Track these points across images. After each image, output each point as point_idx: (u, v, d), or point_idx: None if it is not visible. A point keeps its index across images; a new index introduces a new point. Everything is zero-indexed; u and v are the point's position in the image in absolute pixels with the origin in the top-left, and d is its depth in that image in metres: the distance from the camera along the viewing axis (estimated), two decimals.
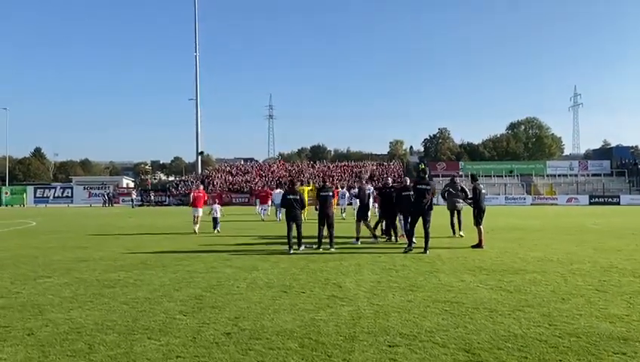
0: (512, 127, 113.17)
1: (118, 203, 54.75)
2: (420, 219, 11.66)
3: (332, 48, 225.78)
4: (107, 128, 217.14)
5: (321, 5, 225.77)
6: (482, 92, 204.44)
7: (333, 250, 11.81)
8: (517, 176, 57.83)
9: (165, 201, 53.74)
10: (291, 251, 11.57)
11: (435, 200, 12.26)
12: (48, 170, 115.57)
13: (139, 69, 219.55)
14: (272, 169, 60.68)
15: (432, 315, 5.75)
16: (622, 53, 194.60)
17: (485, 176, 51.67)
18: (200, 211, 17.95)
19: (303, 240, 12.10)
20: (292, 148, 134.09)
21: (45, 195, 57.27)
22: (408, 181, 13.50)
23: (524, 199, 50.20)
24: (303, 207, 12.28)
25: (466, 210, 15.40)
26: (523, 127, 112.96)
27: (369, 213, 14.62)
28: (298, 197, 12.17)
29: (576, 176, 57.44)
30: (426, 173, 12.67)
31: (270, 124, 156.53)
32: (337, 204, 33.73)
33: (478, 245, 12.07)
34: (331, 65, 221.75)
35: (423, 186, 11.87)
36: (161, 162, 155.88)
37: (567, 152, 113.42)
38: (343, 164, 62.04)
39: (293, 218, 12.00)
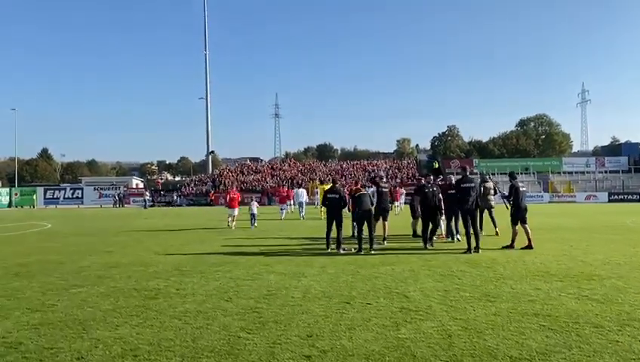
0: (522, 123, 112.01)
1: (129, 203, 54.23)
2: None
3: (338, 47, 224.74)
4: (112, 129, 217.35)
5: (326, 5, 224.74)
6: (489, 90, 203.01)
7: (373, 252, 11.15)
8: (533, 173, 56.80)
9: (177, 201, 53.15)
10: (329, 249, 11.43)
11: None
12: (55, 170, 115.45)
13: (145, 69, 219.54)
14: (283, 168, 59.99)
15: (531, 332, 5.03)
16: (628, 49, 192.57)
17: (501, 173, 50.56)
18: (236, 211, 19.21)
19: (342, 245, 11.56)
20: (298, 147, 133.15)
21: (55, 196, 56.83)
22: (453, 179, 12.80)
23: (542, 197, 49.23)
24: (344, 205, 11.76)
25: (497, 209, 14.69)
26: (533, 123, 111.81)
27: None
28: (339, 196, 11.66)
29: (593, 173, 56.39)
30: (466, 170, 11.99)
31: (276, 123, 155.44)
32: None
33: (529, 246, 11.40)
34: (337, 64, 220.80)
35: (468, 184, 11.32)
36: (167, 162, 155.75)
37: (575, 149, 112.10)
38: (355, 162, 61.35)
39: (333, 218, 11.60)
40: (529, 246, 11.30)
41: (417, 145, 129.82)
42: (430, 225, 12.31)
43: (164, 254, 11.44)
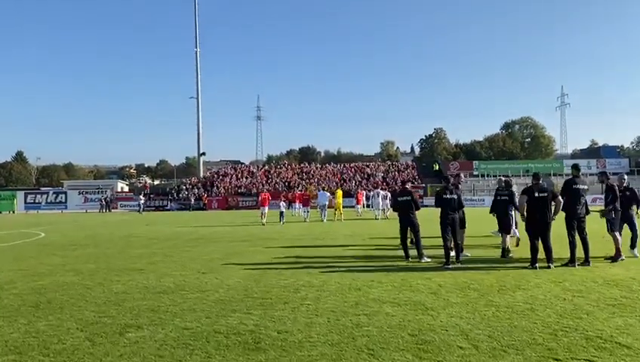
0: (507, 126, 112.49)
1: (116, 208, 51.31)
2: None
3: (321, 49, 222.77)
4: (88, 131, 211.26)
5: (312, 7, 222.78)
6: (470, 93, 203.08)
7: (459, 265, 9.56)
8: None
9: (167, 206, 50.44)
10: (409, 260, 10.14)
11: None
12: (31, 174, 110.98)
13: (124, 71, 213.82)
14: (279, 171, 57.80)
15: None
16: (607, 54, 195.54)
17: (502, 175, 49.23)
18: (266, 209, 23.06)
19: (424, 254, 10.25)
20: (280, 150, 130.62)
21: (37, 201, 53.48)
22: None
23: None
24: (417, 208, 10.44)
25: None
26: (517, 126, 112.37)
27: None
28: (411, 198, 10.33)
29: (594, 175, 55.48)
30: (579, 170, 10.43)
31: (258, 126, 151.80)
32: (368, 206, 31.39)
33: (616, 257, 9.97)
34: (320, 65, 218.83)
35: (580, 186, 9.77)
36: (146, 165, 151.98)
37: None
38: (353, 165, 59.48)
39: (407, 223, 10.40)
40: (618, 257, 9.96)
41: (398, 147, 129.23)
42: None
43: (211, 273, 9.31)
